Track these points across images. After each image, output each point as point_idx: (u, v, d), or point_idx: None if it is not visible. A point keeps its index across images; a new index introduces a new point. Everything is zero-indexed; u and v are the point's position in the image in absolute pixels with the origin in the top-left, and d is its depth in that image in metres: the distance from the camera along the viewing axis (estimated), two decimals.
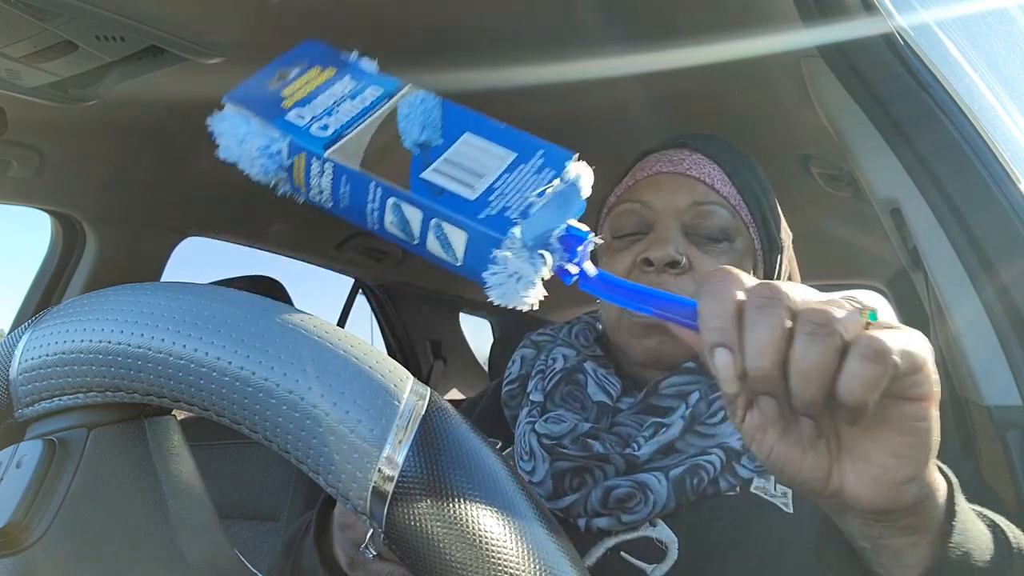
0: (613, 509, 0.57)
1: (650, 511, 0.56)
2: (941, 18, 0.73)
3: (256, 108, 0.38)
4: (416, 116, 0.38)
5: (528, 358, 0.74)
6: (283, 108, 0.39)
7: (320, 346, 0.27)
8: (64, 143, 1.15)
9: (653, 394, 0.63)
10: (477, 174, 0.36)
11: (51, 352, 0.29)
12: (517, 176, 0.36)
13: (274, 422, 0.26)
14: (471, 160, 0.37)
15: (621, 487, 0.57)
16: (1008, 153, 0.63)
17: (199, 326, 0.27)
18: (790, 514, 0.56)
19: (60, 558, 0.27)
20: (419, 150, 0.37)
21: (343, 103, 0.39)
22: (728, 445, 0.58)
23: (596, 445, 0.59)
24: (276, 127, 0.38)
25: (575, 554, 0.27)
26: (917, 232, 0.66)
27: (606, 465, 0.58)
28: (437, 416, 0.27)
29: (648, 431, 0.60)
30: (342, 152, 0.37)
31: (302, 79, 0.40)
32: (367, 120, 0.38)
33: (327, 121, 0.38)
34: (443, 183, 0.36)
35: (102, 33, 0.80)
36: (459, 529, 0.24)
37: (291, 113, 0.38)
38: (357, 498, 0.25)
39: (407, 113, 0.38)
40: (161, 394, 0.27)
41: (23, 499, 0.27)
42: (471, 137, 0.38)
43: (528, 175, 0.36)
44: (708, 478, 0.57)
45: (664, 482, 0.57)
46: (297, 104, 0.39)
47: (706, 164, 0.69)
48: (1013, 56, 0.82)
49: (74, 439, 0.28)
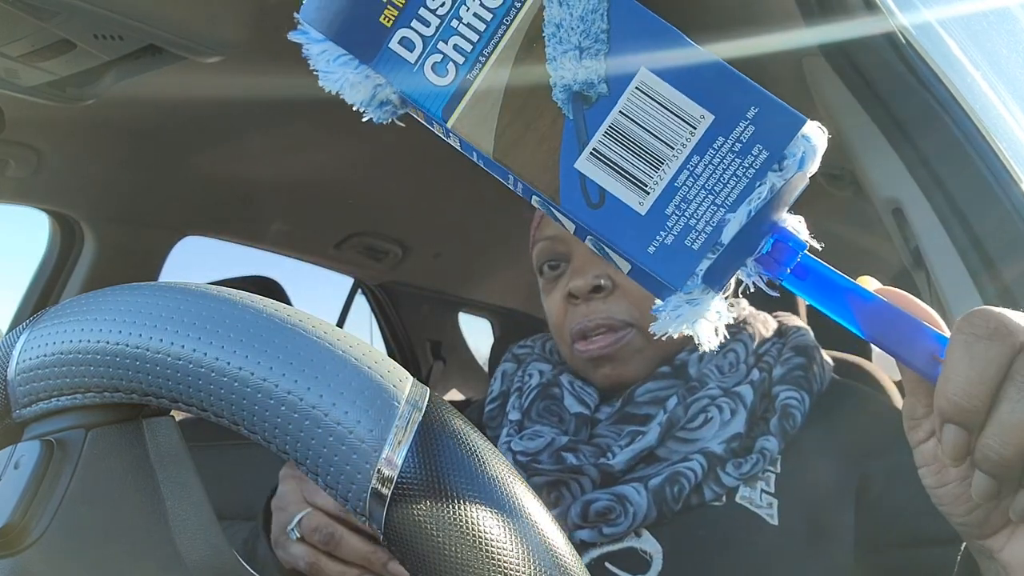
0: (594, 522, 0.57)
1: (631, 523, 0.56)
2: (943, 17, 0.73)
3: (344, 35, 0.27)
4: (571, 29, 0.26)
5: (509, 373, 0.73)
6: (382, 27, 0.27)
7: (319, 346, 0.26)
8: (62, 142, 1.15)
9: (629, 402, 0.63)
10: (654, 160, 0.26)
11: (49, 352, 0.28)
12: (711, 160, 0.26)
13: (272, 422, 0.25)
14: (646, 128, 0.26)
15: (600, 500, 0.57)
16: (1010, 152, 0.63)
17: (197, 326, 0.27)
18: (775, 526, 0.56)
19: (58, 559, 0.27)
20: (574, 107, 0.26)
21: (464, 3, 0.27)
22: (709, 450, 0.58)
23: (569, 457, 0.59)
24: (377, 70, 0.27)
25: (575, 554, 0.27)
26: (919, 232, 0.66)
27: (580, 477, 0.58)
28: (437, 417, 0.27)
29: (624, 439, 0.60)
30: (469, 121, 0.27)
31: None
32: (501, 41, 0.26)
33: (445, 49, 0.27)
34: (603, 180, 0.26)
35: (100, 32, 0.80)
36: (459, 530, 0.24)
37: (395, 39, 0.27)
38: (356, 499, 0.25)
39: (558, 22, 0.26)
40: (159, 394, 0.27)
41: (21, 500, 0.27)
42: (649, 79, 0.26)
43: (728, 157, 0.26)
44: (689, 485, 0.56)
45: (643, 493, 0.56)
46: (401, 18, 0.27)
47: None
48: (1015, 55, 0.82)
49: (72, 440, 0.28)
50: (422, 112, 0.28)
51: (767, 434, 0.59)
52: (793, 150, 0.26)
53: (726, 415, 0.59)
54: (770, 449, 0.58)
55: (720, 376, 0.63)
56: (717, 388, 0.61)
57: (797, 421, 0.60)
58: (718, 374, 0.63)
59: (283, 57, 0.92)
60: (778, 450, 0.59)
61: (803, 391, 0.61)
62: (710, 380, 0.62)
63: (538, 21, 0.26)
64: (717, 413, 0.60)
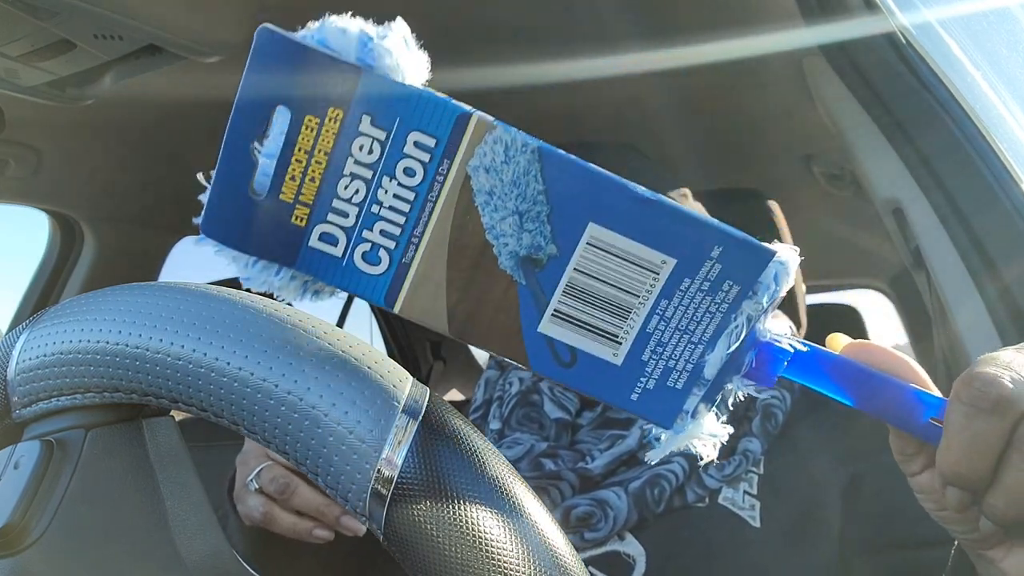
0: (576, 527, 0.57)
1: (612, 527, 0.56)
2: (943, 17, 0.73)
3: (258, 247, 0.25)
4: (505, 196, 0.24)
5: (492, 380, 0.73)
6: (297, 228, 0.25)
7: (319, 346, 0.26)
8: (62, 142, 1.15)
9: (610, 408, 0.63)
10: (619, 310, 0.25)
11: (49, 352, 0.28)
12: (680, 302, 0.25)
13: (272, 423, 0.25)
14: (606, 282, 0.25)
15: (580, 506, 0.56)
16: (1010, 152, 0.63)
17: (197, 326, 0.27)
18: (757, 528, 0.56)
19: (58, 559, 0.27)
20: (524, 272, 0.25)
21: (380, 186, 0.24)
22: (690, 452, 0.58)
23: (548, 463, 0.59)
24: (305, 272, 0.26)
25: (575, 554, 0.27)
26: (919, 232, 0.66)
27: (559, 483, 0.58)
28: (436, 417, 0.27)
29: (604, 443, 0.60)
30: (416, 305, 0.25)
31: (297, 151, 0.24)
32: (431, 219, 0.24)
33: (371, 237, 0.25)
34: (572, 339, 0.25)
35: (100, 32, 0.80)
36: (459, 530, 0.24)
37: (313, 236, 0.25)
38: (356, 499, 0.25)
39: (489, 191, 0.24)
40: (159, 395, 0.27)
41: (21, 500, 0.26)
42: (599, 233, 0.24)
43: (697, 297, 0.25)
44: (671, 488, 0.56)
45: (624, 497, 0.56)
46: (314, 215, 0.25)
47: None
48: (1016, 55, 0.82)
49: (72, 440, 0.28)
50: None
51: (749, 435, 0.59)
52: (765, 278, 0.25)
53: None
54: (752, 450, 0.58)
55: None
56: None
57: (779, 421, 0.60)
58: None
59: None
60: (761, 451, 0.59)
61: (784, 390, 0.61)
62: None
63: (467, 192, 0.24)
64: None
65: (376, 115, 0.24)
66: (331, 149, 0.24)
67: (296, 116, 0.24)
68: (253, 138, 0.25)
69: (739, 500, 0.58)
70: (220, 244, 0.26)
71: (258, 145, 0.24)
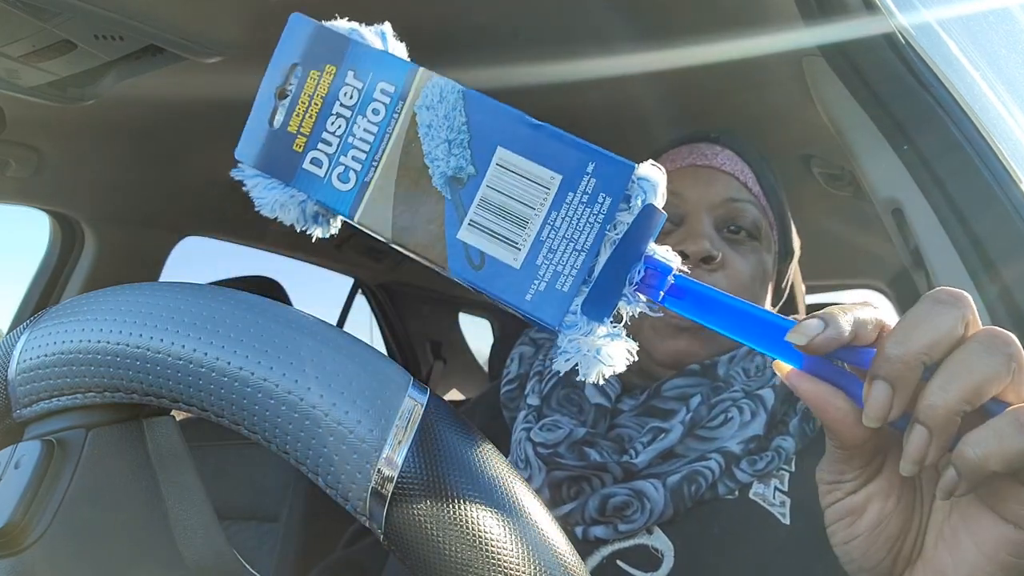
0: (611, 517, 0.57)
1: (647, 519, 0.56)
2: (943, 17, 0.73)
3: (270, 165, 0.34)
4: (439, 127, 0.31)
5: (527, 356, 0.73)
6: (296, 153, 0.33)
7: (319, 346, 0.26)
8: (63, 143, 1.15)
9: (655, 396, 0.63)
10: (519, 220, 0.30)
11: (49, 352, 0.28)
12: (566, 213, 0.30)
13: (273, 422, 0.26)
14: (510, 196, 0.30)
15: (618, 495, 0.56)
16: (1010, 153, 0.63)
17: (198, 326, 0.27)
18: (787, 525, 0.56)
19: (59, 559, 0.27)
20: (451, 189, 0.31)
21: (356, 122, 0.32)
22: (727, 449, 0.58)
23: (592, 453, 0.58)
24: (298, 188, 0.33)
25: (576, 554, 0.27)
26: (919, 232, 0.66)
27: (603, 474, 0.58)
28: (436, 417, 0.27)
29: (647, 436, 0.60)
30: (370, 215, 0.32)
31: (303, 95, 0.33)
32: (387, 146, 0.32)
33: (345, 161, 0.32)
34: (482, 244, 0.30)
35: (100, 32, 0.80)
36: (459, 529, 0.24)
37: (307, 160, 0.33)
38: (356, 499, 0.25)
39: (428, 123, 0.32)
40: (160, 394, 0.27)
41: (22, 499, 0.27)
42: (505, 155, 0.31)
43: (579, 209, 0.30)
44: (706, 484, 0.56)
45: (661, 490, 0.56)
46: (309, 144, 0.33)
47: (738, 161, 0.68)
48: (1015, 55, 0.82)
49: (73, 439, 0.28)
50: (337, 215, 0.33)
51: (785, 434, 0.59)
52: (634, 191, 0.29)
53: (746, 416, 0.59)
54: (786, 448, 0.58)
55: (746, 379, 0.62)
56: (741, 390, 0.61)
57: (817, 424, 0.60)
58: (744, 377, 0.62)
59: None
60: (794, 450, 0.59)
61: None
62: (736, 382, 0.62)
63: (413, 126, 0.32)
64: (737, 414, 0.59)
65: (357, 70, 0.33)
66: (325, 94, 0.33)
67: (305, 70, 0.33)
68: (277, 86, 0.34)
69: (770, 496, 0.57)
70: (245, 167, 0.34)
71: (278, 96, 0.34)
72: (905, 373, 0.27)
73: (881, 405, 0.27)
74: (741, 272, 0.64)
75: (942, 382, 0.27)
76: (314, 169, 0.33)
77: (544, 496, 0.59)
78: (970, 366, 0.27)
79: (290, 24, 0.34)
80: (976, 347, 0.27)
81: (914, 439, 0.28)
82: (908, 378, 0.27)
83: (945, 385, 0.27)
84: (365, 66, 0.33)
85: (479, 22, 0.85)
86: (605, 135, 1.14)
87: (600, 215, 0.29)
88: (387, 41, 0.34)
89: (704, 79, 0.92)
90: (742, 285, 0.64)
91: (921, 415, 0.27)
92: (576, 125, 1.11)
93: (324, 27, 0.33)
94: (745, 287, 0.64)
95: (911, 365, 0.27)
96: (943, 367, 0.27)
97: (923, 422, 0.27)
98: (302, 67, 0.33)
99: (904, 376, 0.27)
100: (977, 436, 0.27)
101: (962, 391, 0.26)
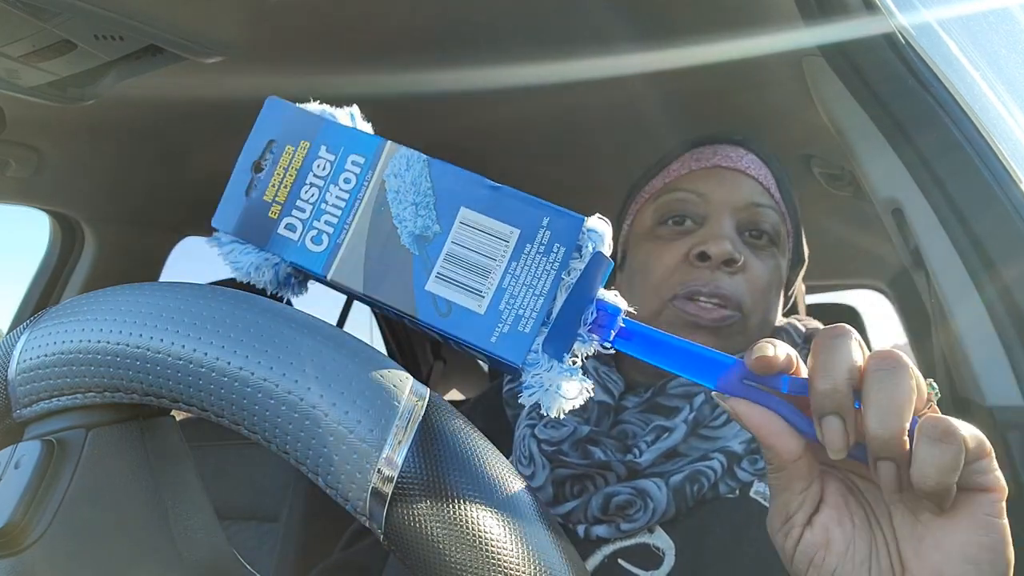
0: (613, 516, 0.57)
1: (649, 519, 0.56)
2: (943, 17, 0.73)
3: (246, 231, 0.36)
4: (406, 192, 0.34)
5: None
6: (271, 220, 0.35)
7: (319, 346, 0.26)
8: (63, 143, 1.15)
9: (660, 394, 0.63)
10: (482, 272, 0.33)
11: (49, 352, 0.28)
12: (525, 263, 0.33)
13: (273, 422, 0.26)
14: (473, 250, 0.33)
15: (621, 494, 0.56)
16: (1010, 153, 0.63)
17: (197, 326, 0.27)
18: None
19: (59, 558, 0.27)
20: (418, 246, 0.34)
21: (328, 191, 0.35)
22: (730, 449, 0.58)
23: (597, 452, 0.58)
24: (273, 252, 0.35)
25: (575, 555, 0.27)
26: (919, 232, 0.66)
27: (607, 473, 0.58)
28: (436, 416, 0.27)
29: (650, 435, 0.60)
30: (343, 271, 0.34)
31: (279, 168, 0.36)
32: (358, 211, 0.35)
33: (318, 226, 0.35)
34: (449, 294, 0.33)
35: (100, 32, 0.80)
36: (459, 530, 0.24)
37: (282, 226, 0.35)
38: (356, 499, 0.25)
39: (396, 189, 0.35)
40: (159, 394, 0.27)
41: (22, 499, 0.27)
42: (467, 214, 0.34)
43: (537, 258, 0.32)
44: (708, 483, 0.56)
45: (664, 489, 0.56)
46: (284, 211, 0.35)
47: (762, 166, 0.68)
48: (1015, 55, 0.82)
49: (72, 439, 0.28)
50: (311, 274, 0.36)
51: None
52: (584, 242, 0.32)
53: None
54: None
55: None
56: None
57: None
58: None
59: (283, 57, 0.92)
60: None
61: None
62: None
63: (383, 192, 0.35)
64: None
65: (330, 145, 0.36)
66: (300, 166, 0.36)
67: (280, 145, 0.36)
68: (253, 160, 0.36)
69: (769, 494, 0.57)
70: (221, 234, 0.36)
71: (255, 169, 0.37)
72: (844, 401, 0.30)
73: (839, 435, 0.30)
74: (760, 277, 0.64)
75: (878, 416, 0.29)
76: (288, 234, 0.35)
77: (547, 493, 0.59)
78: (889, 393, 0.30)
79: (266, 106, 0.37)
80: (882, 375, 0.30)
81: (886, 474, 0.30)
82: (847, 404, 0.30)
83: (883, 419, 0.29)
84: (336, 141, 0.36)
85: (479, 21, 0.85)
86: (604, 135, 1.14)
87: (556, 263, 0.32)
88: (356, 120, 0.37)
89: (704, 79, 0.92)
90: (759, 290, 0.63)
91: (881, 452, 0.30)
92: (575, 125, 1.12)
93: (299, 108, 0.37)
94: (762, 292, 0.64)
95: (845, 392, 0.30)
96: (869, 402, 0.30)
97: (886, 457, 0.30)
98: (278, 143, 0.36)
99: (844, 404, 0.30)
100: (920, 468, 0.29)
101: (898, 418, 0.29)
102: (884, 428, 0.29)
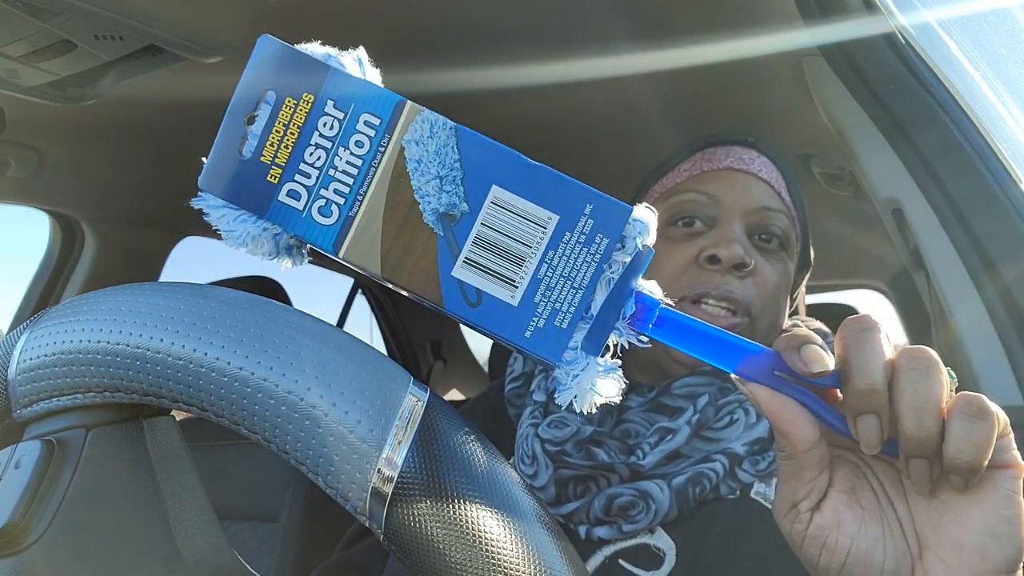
0: (615, 517, 0.57)
1: (651, 520, 0.56)
2: (942, 17, 0.73)
3: (240, 196, 0.31)
4: (429, 163, 0.30)
5: None
6: (271, 185, 0.31)
7: (319, 346, 0.26)
8: (63, 143, 1.15)
9: (664, 393, 0.63)
10: (516, 259, 0.30)
11: (49, 352, 0.28)
12: (563, 252, 0.30)
13: (273, 422, 0.26)
14: (506, 235, 0.30)
15: (623, 495, 0.56)
16: (1010, 153, 0.63)
17: (198, 326, 0.27)
18: None
19: (59, 559, 0.27)
20: (443, 225, 0.30)
21: (336, 154, 0.31)
22: (732, 451, 0.58)
23: (600, 453, 0.58)
24: (273, 221, 0.31)
25: (575, 555, 0.27)
26: (919, 232, 0.66)
27: (610, 474, 0.58)
28: (437, 417, 0.27)
29: (654, 437, 0.60)
30: (356, 251, 0.31)
31: (278, 124, 0.31)
32: (373, 181, 0.30)
33: (326, 194, 0.31)
34: (479, 282, 0.30)
35: (100, 32, 0.80)
36: (459, 530, 0.24)
37: (283, 192, 0.31)
38: (356, 499, 0.25)
39: (417, 159, 0.30)
40: (160, 394, 0.27)
41: (22, 499, 0.27)
42: (500, 193, 0.30)
43: (577, 248, 0.30)
44: (710, 485, 0.56)
45: (666, 491, 0.56)
46: (285, 175, 0.31)
47: (774, 169, 0.67)
48: (1015, 55, 0.82)
49: (73, 439, 0.28)
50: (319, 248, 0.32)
51: None
52: (629, 232, 0.30)
53: (751, 418, 0.59)
54: None
55: None
56: None
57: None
58: None
59: None
60: None
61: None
62: None
63: (401, 160, 0.30)
64: (743, 416, 0.59)
65: (338, 100, 0.31)
66: (303, 124, 0.31)
67: (279, 97, 0.31)
68: (246, 113, 0.31)
69: (771, 495, 0.57)
70: (209, 196, 0.32)
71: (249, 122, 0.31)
72: (882, 400, 0.30)
73: (875, 434, 0.30)
74: (769, 281, 0.64)
75: (915, 418, 0.30)
76: (291, 202, 0.31)
77: (550, 493, 0.59)
78: (925, 395, 0.30)
79: (259, 47, 0.31)
80: (916, 375, 0.30)
81: (919, 470, 0.31)
82: (884, 403, 0.30)
83: (920, 421, 0.30)
84: (346, 96, 0.31)
85: (479, 21, 0.85)
86: (605, 134, 1.14)
87: (597, 255, 0.30)
88: (364, 67, 0.32)
89: (704, 79, 0.92)
90: (768, 294, 0.63)
91: (915, 451, 0.30)
92: (576, 125, 1.12)
93: (299, 52, 0.31)
94: (771, 296, 0.64)
95: (882, 391, 0.30)
96: (905, 403, 0.30)
97: (921, 455, 0.30)
98: (276, 93, 0.31)
99: (882, 403, 0.30)
100: (957, 444, 0.30)
101: (934, 418, 0.30)
102: (921, 430, 0.30)
